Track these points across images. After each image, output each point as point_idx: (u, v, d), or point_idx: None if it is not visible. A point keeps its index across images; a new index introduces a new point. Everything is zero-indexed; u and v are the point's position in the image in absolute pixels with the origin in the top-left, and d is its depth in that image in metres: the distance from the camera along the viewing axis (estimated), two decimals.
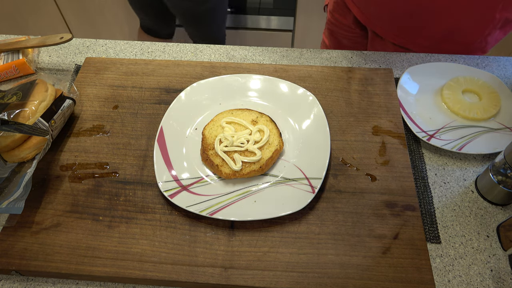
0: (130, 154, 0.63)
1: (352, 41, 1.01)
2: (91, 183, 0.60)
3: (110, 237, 0.54)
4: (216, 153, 0.60)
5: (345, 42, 1.03)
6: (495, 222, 0.58)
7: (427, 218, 0.58)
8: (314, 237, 0.54)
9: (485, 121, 0.68)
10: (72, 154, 0.63)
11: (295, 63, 0.80)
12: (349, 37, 1.01)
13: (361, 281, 0.50)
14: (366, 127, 0.65)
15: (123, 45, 0.84)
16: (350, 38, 1.01)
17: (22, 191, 0.55)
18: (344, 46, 1.03)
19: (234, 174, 0.57)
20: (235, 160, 0.58)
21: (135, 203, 0.57)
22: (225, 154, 0.59)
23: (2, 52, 0.77)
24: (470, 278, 0.53)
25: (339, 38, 1.03)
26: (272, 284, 0.50)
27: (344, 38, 1.02)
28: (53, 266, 0.52)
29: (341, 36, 1.02)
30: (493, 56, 0.80)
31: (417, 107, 0.70)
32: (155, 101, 0.70)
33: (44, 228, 0.55)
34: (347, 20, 0.96)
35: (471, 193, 0.61)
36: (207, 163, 0.60)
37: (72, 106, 0.66)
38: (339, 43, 1.04)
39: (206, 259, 0.52)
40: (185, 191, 0.57)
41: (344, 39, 1.02)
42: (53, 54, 0.83)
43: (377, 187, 0.58)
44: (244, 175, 0.57)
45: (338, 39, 1.04)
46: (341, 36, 1.02)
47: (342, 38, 1.02)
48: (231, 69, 0.75)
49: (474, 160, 0.65)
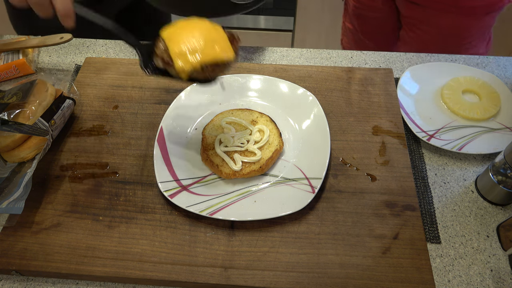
0: (130, 154, 0.63)
1: (379, 20, 1.06)
2: (91, 183, 0.60)
3: (110, 237, 0.54)
4: (216, 153, 0.60)
5: (373, 22, 1.08)
6: (495, 222, 0.58)
7: (427, 218, 0.58)
8: (314, 237, 0.54)
9: (485, 121, 0.68)
10: (72, 154, 0.63)
11: (295, 63, 0.80)
12: (377, 17, 1.06)
13: (361, 281, 0.50)
14: (366, 127, 0.65)
15: (123, 45, 0.84)
16: (377, 18, 1.06)
17: (22, 191, 0.55)
18: (371, 27, 1.09)
19: (234, 174, 0.57)
20: (235, 160, 0.58)
21: (135, 203, 0.57)
22: (225, 154, 0.59)
23: (2, 52, 0.77)
24: (470, 278, 0.53)
25: (368, 20, 1.08)
26: (272, 284, 0.50)
27: (373, 19, 1.07)
28: (53, 266, 0.52)
29: (369, 18, 1.08)
30: (493, 56, 0.80)
31: (417, 107, 0.70)
32: (155, 101, 0.70)
33: (44, 228, 0.55)
34: (376, 2, 1.02)
35: (471, 193, 0.61)
36: (207, 163, 0.60)
37: (72, 106, 0.66)
38: (366, 24, 1.09)
39: (206, 259, 0.52)
40: (185, 191, 0.57)
41: (372, 20, 1.07)
42: (53, 54, 0.83)
43: (377, 187, 0.58)
44: (244, 175, 0.57)
45: (366, 21, 1.09)
46: (369, 18, 1.08)
47: (370, 19, 1.08)
48: (231, 69, 0.75)
49: (474, 160, 0.65)
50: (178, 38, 0.50)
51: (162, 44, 0.51)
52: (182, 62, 0.49)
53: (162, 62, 0.51)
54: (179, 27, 0.52)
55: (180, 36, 0.50)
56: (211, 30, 0.52)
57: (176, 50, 0.49)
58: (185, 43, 0.49)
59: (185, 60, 0.49)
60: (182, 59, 0.49)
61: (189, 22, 0.53)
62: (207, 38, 0.50)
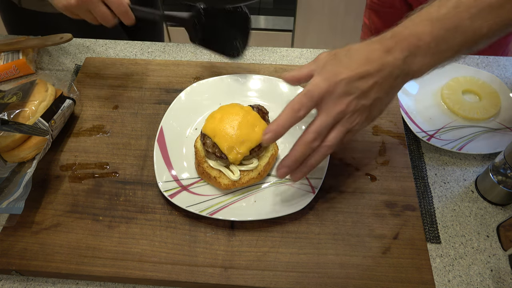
0: (130, 154, 0.63)
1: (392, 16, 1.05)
2: (91, 183, 0.60)
3: (110, 237, 0.54)
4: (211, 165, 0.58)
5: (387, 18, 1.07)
6: (495, 222, 0.58)
7: (427, 218, 0.58)
8: (314, 237, 0.54)
9: (485, 121, 0.68)
10: (72, 154, 0.63)
11: (295, 63, 0.80)
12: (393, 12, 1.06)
13: (361, 281, 0.50)
14: (366, 127, 0.65)
15: (123, 45, 0.84)
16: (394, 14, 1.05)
17: (22, 191, 0.55)
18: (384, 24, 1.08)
19: (233, 184, 0.56)
20: (232, 170, 0.57)
21: (135, 203, 0.57)
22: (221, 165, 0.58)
23: (2, 52, 0.77)
24: (470, 278, 0.53)
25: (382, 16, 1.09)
26: (272, 284, 0.50)
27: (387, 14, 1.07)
28: (53, 266, 0.52)
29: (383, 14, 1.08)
30: (493, 56, 0.80)
31: (417, 107, 0.70)
32: (155, 101, 0.70)
33: (44, 228, 0.55)
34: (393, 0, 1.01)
35: (471, 193, 0.61)
36: (204, 176, 0.58)
37: (72, 106, 0.66)
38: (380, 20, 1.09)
39: (206, 259, 0.52)
40: (185, 191, 0.57)
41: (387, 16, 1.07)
42: (53, 54, 0.83)
43: (377, 187, 0.58)
44: (243, 184, 0.57)
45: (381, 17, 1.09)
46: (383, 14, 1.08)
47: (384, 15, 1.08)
48: (231, 69, 0.75)
49: (474, 160, 0.65)
50: (222, 133, 0.56)
51: (209, 141, 0.57)
52: (233, 155, 0.55)
53: (215, 157, 0.56)
54: (217, 121, 0.57)
55: (224, 131, 0.56)
56: (245, 115, 0.58)
57: (225, 146, 0.55)
58: (231, 137, 0.56)
59: (236, 152, 0.55)
60: (233, 153, 0.55)
61: (223, 113, 0.58)
62: (245, 125, 0.57)
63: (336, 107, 0.47)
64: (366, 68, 0.47)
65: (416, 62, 0.47)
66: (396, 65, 0.47)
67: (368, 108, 0.48)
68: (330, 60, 0.50)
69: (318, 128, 0.48)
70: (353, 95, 0.47)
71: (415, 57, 0.47)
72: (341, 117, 0.48)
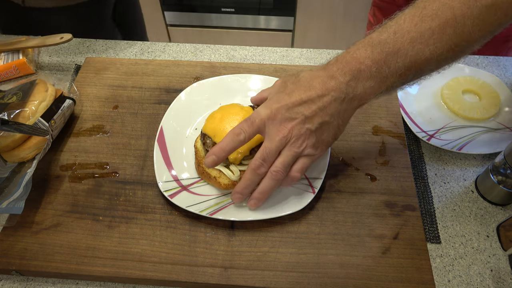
0: (130, 154, 0.63)
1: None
2: (91, 183, 0.60)
3: (110, 237, 0.54)
4: None
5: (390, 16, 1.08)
6: (495, 222, 0.58)
7: (427, 218, 0.58)
8: (314, 237, 0.54)
9: (485, 121, 0.68)
10: (72, 154, 0.63)
11: (295, 63, 0.80)
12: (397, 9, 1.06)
13: (361, 281, 0.50)
14: (366, 127, 0.65)
15: (123, 45, 0.84)
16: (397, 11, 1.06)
17: (22, 191, 0.55)
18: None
19: (233, 184, 0.56)
20: (232, 170, 0.57)
21: (135, 203, 0.57)
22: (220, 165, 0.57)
23: (2, 52, 0.77)
24: (470, 278, 0.53)
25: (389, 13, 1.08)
26: (272, 284, 0.50)
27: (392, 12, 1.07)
28: (53, 266, 0.52)
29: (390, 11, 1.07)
30: (493, 56, 0.80)
31: (417, 107, 0.70)
32: (155, 101, 0.70)
33: (44, 228, 0.55)
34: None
35: (471, 193, 0.61)
36: (204, 176, 0.58)
37: (72, 106, 0.66)
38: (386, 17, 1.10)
39: (206, 259, 0.52)
40: (185, 191, 0.57)
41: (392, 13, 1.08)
42: (53, 54, 0.83)
43: (377, 187, 0.58)
44: None
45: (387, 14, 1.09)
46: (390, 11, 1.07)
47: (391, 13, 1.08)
48: (231, 69, 0.75)
49: (474, 160, 0.65)
50: (222, 133, 0.55)
51: (209, 141, 0.57)
52: (233, 155, 0.54)
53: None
54: (218, 121, 0.57)
55: (224, 131, 0.55)
56: (245, 115, 0.56)
57: None
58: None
59: (236, 151, 0.54)
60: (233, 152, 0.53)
61: (223, 113, 0.58)
62: None
63: (278, 133, 0.49)
64: (308, 94, 0.48)
65: (359, 86, 0.48)
66: (339, 89, 0.48)
67: (314, 133, 0.49)
68: (279, 87, 0.52)
69: (262, 154, 0.49)
70: (296, 120, 0.48)
71: (358, 81, 0.48)
72: (285, 142, 0.49)
